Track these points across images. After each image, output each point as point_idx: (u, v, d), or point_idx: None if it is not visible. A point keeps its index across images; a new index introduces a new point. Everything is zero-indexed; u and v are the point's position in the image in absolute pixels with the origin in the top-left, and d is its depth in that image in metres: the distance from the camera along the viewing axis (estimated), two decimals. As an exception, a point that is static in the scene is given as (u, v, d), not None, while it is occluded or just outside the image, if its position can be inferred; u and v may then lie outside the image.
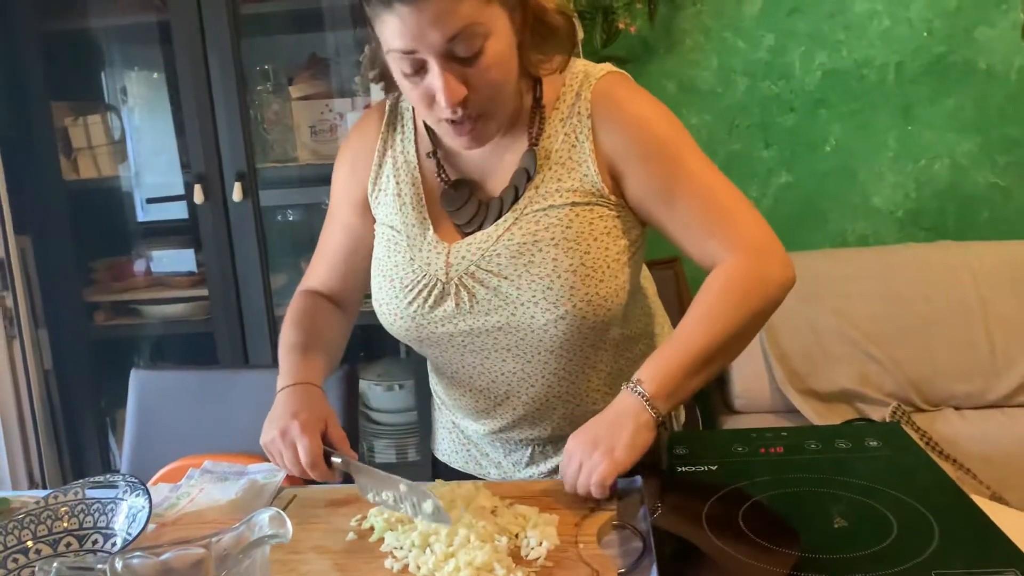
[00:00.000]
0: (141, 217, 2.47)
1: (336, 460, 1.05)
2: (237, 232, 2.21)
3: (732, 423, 2.26)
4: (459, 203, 1.14)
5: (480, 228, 1.12)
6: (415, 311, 1.13)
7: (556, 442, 1.21)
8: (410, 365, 2.32)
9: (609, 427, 1.00)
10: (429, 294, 1.12)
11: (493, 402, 1.19)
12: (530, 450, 1.23)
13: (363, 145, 1.21)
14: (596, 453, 0.98)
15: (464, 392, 1.21)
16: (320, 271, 1.29)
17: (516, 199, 1.11)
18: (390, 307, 1.15)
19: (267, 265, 2.24)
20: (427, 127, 1.16)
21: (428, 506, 0.94)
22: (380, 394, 2.37)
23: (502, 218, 1.11)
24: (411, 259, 1.14)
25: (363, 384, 2.33)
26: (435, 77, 0.98)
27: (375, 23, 1.00)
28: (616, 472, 0.97)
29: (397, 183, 1.17)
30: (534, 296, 1.08)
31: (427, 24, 0.94)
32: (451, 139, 1.07)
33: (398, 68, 1.01)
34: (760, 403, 2.26)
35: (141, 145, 2.42)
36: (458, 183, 1.15)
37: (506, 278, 1.09)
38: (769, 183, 2.49)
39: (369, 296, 1.21)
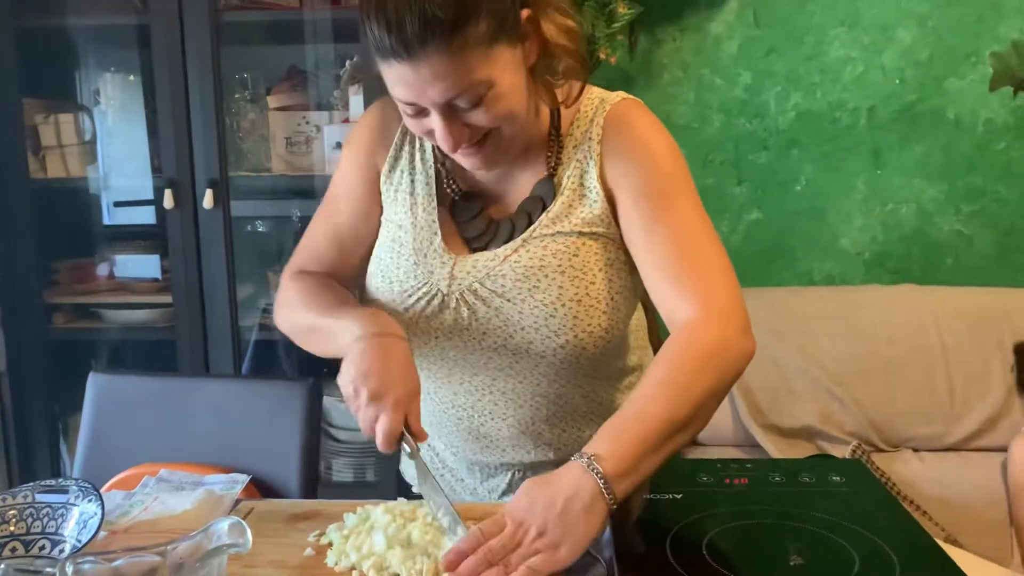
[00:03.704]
0: (107, 220, 2.44)
1: (405, 447, 0.98)
2: (206, 240, 2.18)
3: (693, 455, 2.26)
4: (468, 216, 1.12)
5: (487, 247, 1.10)
6: (411, 318, 1.10)
7: (537, 469, 1.17)
8: (374, 383, 2.30)
9: (561, 516, 0.86)
10: (428, 304, 1.09)
11: (476, 421, 1.17)
12: (509, 476, 1.20)
13: (383, 129, 1.16)
14: (539, 541, 0.85)
15: (446, 408, 1.18)
16: (317, 251, 1.19)
17: (528, 225, 1.09)
18: (386, 308, 1.11)
19: (234, 275, 2.21)
20: None
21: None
22: (343, 412, 2.34)
23: (511, 242, 1.09)
24: (415, 264, 1.11)
25: (325, 401, 2.30)
26: (436, 124, 0.97)
27: (380, 71, 0.98)
28: (552, 571, 0.84)
29: (412, 181, 1.14)
30: (535, 323, 1.06)
31: (427, 83, 0.93)
32: (458, 159, 1.06)
33: (400, 107, 1.00)
34: (722, 436, 2.27)
35: (111, 147, 2.39)
36: (469, 195, 1.13)
37: (509, 300, 1.07)
38: (740, 219, 2.51)
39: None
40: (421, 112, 0.99)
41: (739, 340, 0.99)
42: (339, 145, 2.19)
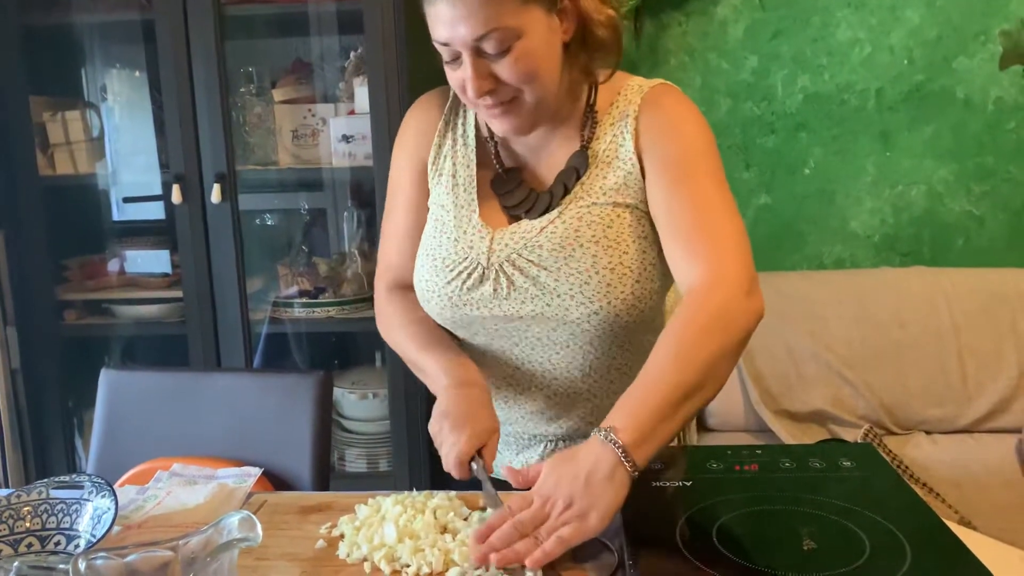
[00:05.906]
0: (116, 216, 2.44)
1: (474, 466, 1.04)
2: (214, 234, 2.19)
3: (705, 441, 2.26)
4: (510, 187, 1.18)
5: (527, 214, 1.16)
6: (453, 291, 1.16)
7: (568, 440, 1.23)
8: (385, 374, 2.30)
9: (585, 486, 0.90)
10: (468, 276, 1.15)
11: (514, 391, 1.22)
12: (541, 448, 1.25)
13: (426, 121, 1.25)
14: (567, 512, 0.89)
15: (486, 378, 1.20)
16: (391, 256, 1.27)
17: (564, 195, 1.15)
18: (429, 284, 1.18)
19: (243, 269, 2.21)
20: None
21: None
22: (354, 402, 2.35)
23: (548, 213, 1.14)
24: (455, 240, 1.17)
25: (337, 392, 2.31)
26: (465, 67, 1.05)
27: (425, 13, 1.07)
28: (582, 540, 0.88)
29: (454, 164, 1.21)
30: (571, 290, 1.11)
31: (459, 20, 1.02)
32: (490, 122, 1.13)
33: (441, 54, 1.08)
34: (734, 422, 2.27)
35: (119, 143, 2.39)
36: (510, 171, 1.20)
37: (545, 269, 1.12)
38: (749, 204, 2.50)
39: (346, 303, 1.21)
40: (456, 59, 1.06)
41: (744, 301, 1.02)
42: (345, 137, 2.19)
